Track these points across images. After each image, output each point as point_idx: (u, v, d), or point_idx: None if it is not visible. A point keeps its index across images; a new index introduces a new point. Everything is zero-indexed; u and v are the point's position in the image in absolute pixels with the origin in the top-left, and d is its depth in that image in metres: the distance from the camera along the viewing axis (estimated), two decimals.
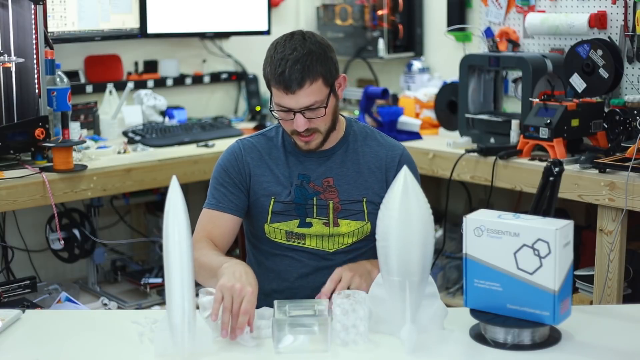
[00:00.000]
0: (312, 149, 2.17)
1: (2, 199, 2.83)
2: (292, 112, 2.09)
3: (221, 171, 2.24)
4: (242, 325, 1.75)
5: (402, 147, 2.29)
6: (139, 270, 3.81)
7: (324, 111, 2.11)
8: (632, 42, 3.17)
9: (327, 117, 2.14)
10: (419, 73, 4.11)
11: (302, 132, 2.12)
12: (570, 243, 1.71)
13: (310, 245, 2.21)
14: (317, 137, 2.15)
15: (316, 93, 2.07)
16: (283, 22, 4.33)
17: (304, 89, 2.05)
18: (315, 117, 2.10)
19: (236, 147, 2.26)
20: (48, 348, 1.81)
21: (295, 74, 2.03)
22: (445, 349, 1.77)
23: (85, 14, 3.59)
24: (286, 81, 2.04)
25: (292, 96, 2.06)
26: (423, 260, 1.74)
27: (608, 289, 2.82)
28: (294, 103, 2.07)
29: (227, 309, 1.75)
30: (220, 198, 2.21)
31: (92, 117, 3.67)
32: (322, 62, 2.07)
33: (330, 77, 2.11)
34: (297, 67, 2.03)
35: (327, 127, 2.16)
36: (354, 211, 2.20)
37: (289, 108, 2.09)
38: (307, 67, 2.04)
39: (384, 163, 2.24)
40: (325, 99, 2.10)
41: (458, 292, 3.71)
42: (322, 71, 2.07)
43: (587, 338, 1.80)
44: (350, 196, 2.20)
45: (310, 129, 2.12)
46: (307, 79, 2.04)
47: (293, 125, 2.11)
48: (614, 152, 2.95)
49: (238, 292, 1.77)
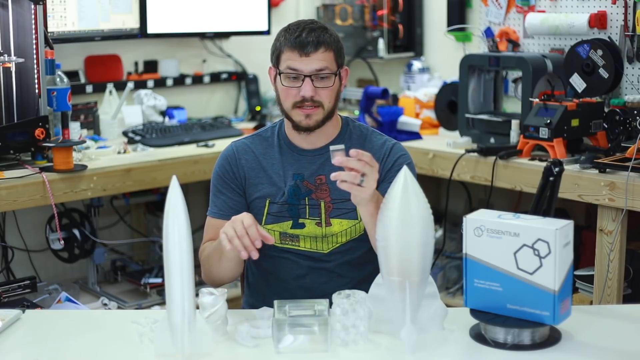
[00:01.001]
0: (311, 126, 2.16)
1: (2, 199, 2.83)
2: (301, 79, 2.11)
3: (218, 178, 2.26)
4: (254, 236, 1.89)
5: (393, 142, 2.27)
6: (139, 270, 3.81)
7: (333, 81, 2.14)
8: (632, 42, 3.17)
9: (332, 95, 2.15)
10: (419, 73, 4.11)
11: (306, 103, 2.12)
12: (570, 243, 1.71)
13: (304, 247, 2.21)
14: (319, 112, 2.15)
15: (328, 60, 2.13)
16: (283, 22, 4.27)
17: (318, 53, 2.11)
18: (323, 87, 2.12)
19: (229, 151, 2.27)
20: (48, 348, 1.81)
21: (312, 37, 2.11)
22: (445, 349, 1.77)
23: (85, 14, 3.59)
24: (302, 42, 2.11)
25: (305, 58, 2.11)
26: (423, 260, 1.74)
27: (608, 289, 2.82)
28: (306, 66, 2.11)
29: (232, 236, 1.90)
30: (221, 205, 2.23)
31: (92, 117, 3.67)
32: (336, 40, 2.17)
33: (339, 58, 2.17)
34: (314, 33, 2.12)
35: (329, 106, 2.16)
36: (346, 209, 2.19)
37: (299, 71, 2.11)
38: (324, 35, 2.13)
39: (375, 158, 2.22)
40: (335, 70, 2.14)
41: (458, 292, 3.71)
42: (335, 47, 2.15)
43: (587, 338, 1.80)
44: (342, 194, 2.18)
45: (315, 101, 2.13)
46: (322, 44, 2.12)
47: (300, 92, 2.12)
48: (614, 152, 2.95)
49: (236, 220, 1.92)
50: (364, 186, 1.89)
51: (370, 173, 1.89)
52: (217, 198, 2.24)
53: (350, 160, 1.87)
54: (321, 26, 2.15)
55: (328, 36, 2.14)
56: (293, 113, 2.16)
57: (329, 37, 2.14)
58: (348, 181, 1.87)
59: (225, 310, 1.82)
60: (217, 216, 2.23)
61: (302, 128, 2.17)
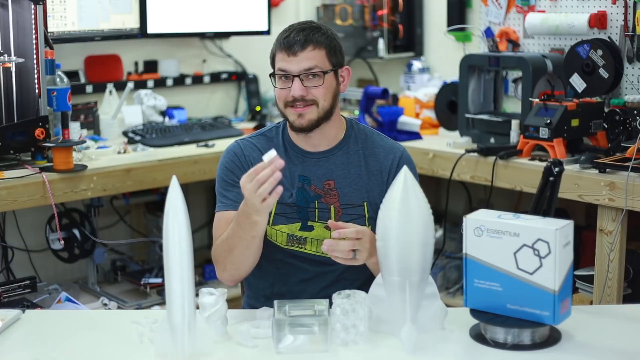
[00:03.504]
0: (305, 126, 2.13)
1: (2, 199, 2.83)
2: (291, 80, 2.10)
3: (226, 172, 2.21)
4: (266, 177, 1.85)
5: (401, 149, 2.27)
6: (139, 270, 3.81)
7: (323, 79, 2.11)
8: (632, 42, 3.17)
9: (327, 93, 2.13)
10: (419, 73, 4.11)
11: (297, 102, 2.11)
12: (570, 243, 1.71)
13: (310, 250, 2.19)
14: (312, 110, 2.12)
15: (318, 59, 2.11)
16: (283, 22, 4.32)
17: (306, 52, 2.10)
18: (313, 87, 2.11)
19: (236, 146, 2.25)
20: (48, 348, 1.81)
21: (299, 37, 2.10)
22: (445, 349, 1.77)
23: (85, 14, 3.59)
24: (290, 42, 2.10)
25: (293, 58, 2.10)
26: (423, 260, 1.74)
27: (608, 289, 2.82)
28: (294, 65, 2.10)
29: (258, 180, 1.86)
30: (234, 197, 2.15)
31: (92, 117, 3.67)
32: (328, 38, 2.14)
33: (334, 55, 2.15)
34: (303, 32, 2.12)
35: (324, 104, 2.13)
36: (355, 215, 2.18)
37: (288, 71, 2.10)
38: (312, 34, 2.12)
39: (383, 166, 2.22)
40: (326, 69, 2.12)
41: (458, 292, 3.71)
42: (327, 44, 2.13)
43: (587, 338, 1.80)
44: (351, 200, 2.18)
45: (307, 100, 2.11)
46: (310, 43, 2.11)
47: (290, 92, 2.11)
48: (614, 152, 2.95)
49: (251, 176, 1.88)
50: (358, 258, 1.97)
51: (360, 247, 1.96)
52: (228, 192, 2.18)
53: (339, 243, 1.94)
54: (313, 26, 2.14)
55: (319, 35, 2.12)
56: (287, 112, 2.16)
57: (320, 36, 2.12)
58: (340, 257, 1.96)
59: (225, 310, 1.82)
60: (231, 208, 2.15)
61: (296, 128, 2.16)
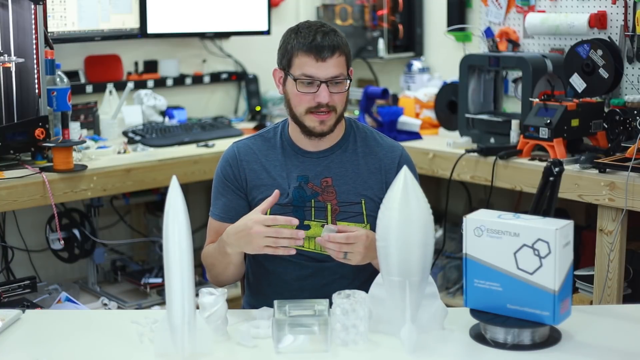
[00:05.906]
0: (325, 131, 2.15)
1: (2, 199, 2.83)
2: (317, 85, 2.09)
3: (219, 180, 2.25)
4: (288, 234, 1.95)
5: (401, 148, 2.28)
6: (139, 270, 3.81)
7: (346, 86, 2.13)
8: (632, 42, 3.17)
9: (344, 99, 2.15)
10: (419, 73, 4.11)
11: (322, 108, 2.11)
12: (570, 243, 1.71)
13: (308, 248, 2.19)
14: (332, 117, 2.14)
15: (342, 66, 2.12)
16: (283, 22, 4.32)
17: (334, 58, 2.09)
18: (338, 92, 2.11)
19: (231, 152, 2.25)
20: (48, 348, 1.81)
21: (328, 42, 2.09)
22: (445, 349, 1.77)
23: (85, 14, 3.59)
24: (319, 47, 2.08)
25: (322, 64, 2.08)
26: (423, 260, 1.74)
27: (608, 289, 2.82)
28: (323, 72, 2.09)
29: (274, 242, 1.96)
30: (223, 207, 2.22)
31: (92, 117, 3.67)
32: (346, 43, 2.16)
33: (348, 61, 2.16)
34: (329, 37, 2.10)
35: (341, 110, 2.15)
36: (353, 213, 2.19)
37: (315, 78, 2.09)
38: (337, 39, 2.12)
39: (383, 164, 2.22)
40: (346, 75, 2.14)
41: (458, 292, 3.71)
42: (346, 50, 2.15)
43: (587, 338, 1.80)
44: (349, 198, 2.19)
45: (330, 106, 2.12)
46: (337, 49, 2.10)
47: (315, 98, 2.10)
48: (614, 152, 2.95)
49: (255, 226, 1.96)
50: (350, 259, 2.00)
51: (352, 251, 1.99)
52: (218, 200, 2.24)
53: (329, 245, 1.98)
54: (332, 29, 2.13)
55: (340, 39, 2.12)
56: (306, 119, 2.14)
57: (341, 41, 2.13)
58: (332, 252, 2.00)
59: (225, 310, 1.82)
60: (218, 219, 2.23)
61: (315, 134, 2.16)
